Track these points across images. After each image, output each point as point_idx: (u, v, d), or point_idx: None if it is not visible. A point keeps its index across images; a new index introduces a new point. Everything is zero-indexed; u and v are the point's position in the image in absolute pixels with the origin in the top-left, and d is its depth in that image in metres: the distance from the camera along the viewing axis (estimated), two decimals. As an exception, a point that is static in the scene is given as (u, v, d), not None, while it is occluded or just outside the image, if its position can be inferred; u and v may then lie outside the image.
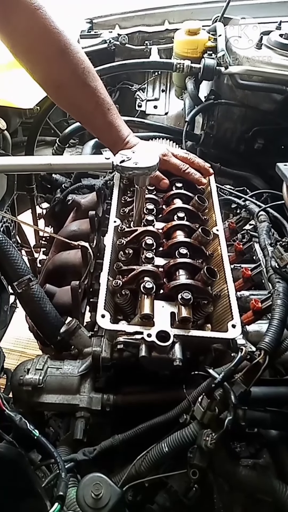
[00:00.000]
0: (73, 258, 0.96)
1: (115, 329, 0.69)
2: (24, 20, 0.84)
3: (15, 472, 0.42)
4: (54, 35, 0.86)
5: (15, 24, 0.84)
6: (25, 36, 0.86)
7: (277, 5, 1.54)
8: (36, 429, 0.61)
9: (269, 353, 0.64)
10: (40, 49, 0.87)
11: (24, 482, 0.44)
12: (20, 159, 0.86)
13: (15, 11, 0.83)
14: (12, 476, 0.42)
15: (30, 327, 1.03)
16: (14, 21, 0.84)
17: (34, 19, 0.84)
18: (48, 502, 0.48)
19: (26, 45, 0.88)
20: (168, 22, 1.53)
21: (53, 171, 1.07)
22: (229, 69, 1.18)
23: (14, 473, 0.43)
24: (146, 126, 1.32)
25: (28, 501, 0.45)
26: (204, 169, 1.01)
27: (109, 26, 1.54)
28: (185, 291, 0.72)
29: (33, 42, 0.86)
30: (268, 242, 0.91)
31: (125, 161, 0.81)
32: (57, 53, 0.87)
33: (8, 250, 0.77)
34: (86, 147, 1.21)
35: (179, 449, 0.61)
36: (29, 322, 1.02)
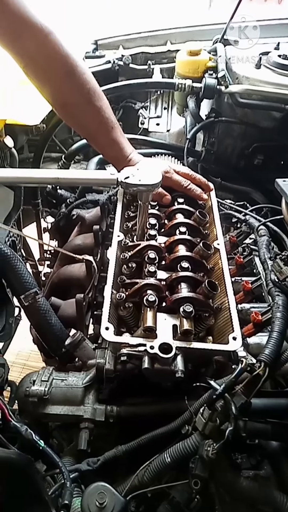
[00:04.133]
0: (78, 271, 0.98)
1: (119, 341, 0.71)
2: (36, 44, 0.89)
3: (24, 478, 0.44)
4: (63, 58, 0.91)
5: (28, 47, 0.90)
6: (37, 58, 0.91)
7: (275, 27, 1.59)
8: (41, 440, 0.63)
9: (269, 365, 0.66)
10: (50, 70, 0.92)
11: (33, 489, 0.46)
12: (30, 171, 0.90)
13: (29, 36, 0.88)
14: (21, 483, 0.44)
15: (34, 339, 1.05)
16: (27, 45, 0.89)
17: (45, 43, 0.89)
18: (54, 510, 0.49)
19: (37, 66, 0.93)
20: (170, 42, 1.58)
21: (61, 184, 1.11)
22: (229, 88, 1.22)
23: (24, 479, 0.44)
24: (149, 144, 1.37)
25: (35, 509, 0.46)
26: (205, 185, 1.04)
27: (113, 47, 1.59)
28: (187, 304, 0.74)
29: (43, 64, 0.92)
30: (268, 256, 0.93)
31: (129, 177, 0.84)
32: (65, 75, 0.92)
33: (15, 264, 0.79)
34: (91, 163, 1.25)
35: (181, 460, 0.62)
36: (33, 334, 1.04)
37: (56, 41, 0.90)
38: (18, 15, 0.86)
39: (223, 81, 1.23)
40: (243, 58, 1.33)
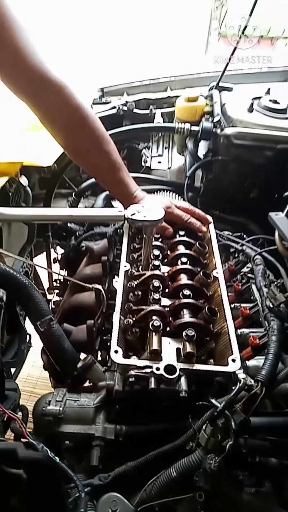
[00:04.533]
0: (88, 299, 1.05)
1: (127, 363, 0.77)
2: (52, 98, 0.98)
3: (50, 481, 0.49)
4: (76, 110, 1.00)
5: (45, 101, 0.99)
6: (52, 110, 1.01)
7: (266, 74, 1.74)
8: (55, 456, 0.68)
9: (266, 384, 0.72)
10: (64, 120, 1.02)
11: (57, 492, 0.51)
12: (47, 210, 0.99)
13: (45, 91, 0.97)
14: (47, 484, 0.49)
15: (45, 365, 1.10)
16: (44, 99, 0.99)
17: (59, 96, 0.98)
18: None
19: (52, 116, 1.03)
20: (170, 89, 1.72)
21: (74, 221, 1.20)
22: (224, 131, 1.34)
23: (49, 481, 0.49)
24: (152, 181, 1.48)
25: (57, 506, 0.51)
26: (204, 218, 1.13)
27: (118, 94, 1.73)
28: (189, 328, 0.81)
29: (58, 115, 1.01)
30: (263, 283, 1.00)
31: (135, 214, 0.93)
32: (77, 124, 1.02)
33: (32, 292, 0.87)
34: (98, 199, 1.35)
35: (186, 474, 0.67)
36: (44, 360, 1.10)
37: (70, 94, 1.00)
38: (36, 71, 0.95)
39: (218, 124, 1.34)
40: (236, 103, 1.46)
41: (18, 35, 0.93)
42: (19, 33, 0.93)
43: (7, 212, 0.88)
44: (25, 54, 0.94)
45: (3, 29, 0.91)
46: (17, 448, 0.44)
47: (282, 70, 1.78)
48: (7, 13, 0.91)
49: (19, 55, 0.94)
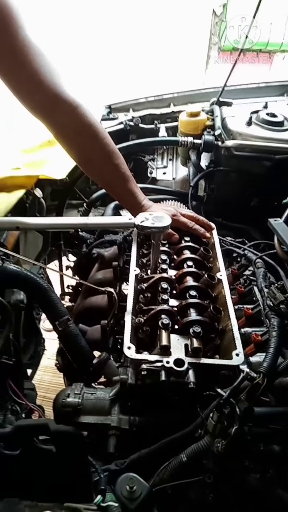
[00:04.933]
0: (100, 301, 1.12)
1: (139, 358, 0.84)
2: (66, 116, 1.03)
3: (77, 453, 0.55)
4: (88, 127, 1.06)
5: (59, 119, 1.05)
6: (66, 127, 1.07)
7: (263, 88, 1.84)
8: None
9: (267, 375, 0.78)
10: (77, 137, 1.08)
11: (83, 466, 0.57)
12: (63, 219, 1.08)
13: (60, 110, 1.03)
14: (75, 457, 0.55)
15: (60, 366, 1.17)
16: (59, 117, 1.04)
17: (73, 115, 1.04)
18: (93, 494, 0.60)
19: (66, 133, 1.09)
20: (173, 105, 1.81)
21: (88, 228, 1.28)
22: (225, 143, 1.42)
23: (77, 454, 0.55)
24: (158, 191, 1.56)
25: (81, 487, 0.57)
26: (207, 225, 1.19)
27: (124, 110, 1.82)
28: (196, 325, 0.87)
29: (72, 132, 1.07)
30: (264, 284, 1.06)
31: (144, 221, 0.99)
32: (89, 140, 1.08)
33: (51, 295, 0.94)
34: (108, 209, 1.43)
35: (195, 458, 0.73)
36: (59, 361, 1.16)
37: (83, 113, 1.05)
38: (51, 93, 1.01)
39: (219, 137, 1.42)
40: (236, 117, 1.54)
41: (36, 58, 1.00)
42: (37, 57, 1.00)
43: (28, 221, 0.96)
44: (42, 77, 1.01)
45: (23, 54, 0.98)
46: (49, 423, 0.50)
47: (279, 84, 1.87)
48: (26, 39, 0.98)
49: (36, 78, 1.01)
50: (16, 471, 0.54)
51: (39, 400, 2.16)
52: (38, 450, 0.53)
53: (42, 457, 0.54)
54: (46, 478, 0.57)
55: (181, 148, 1.57)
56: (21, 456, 0.53)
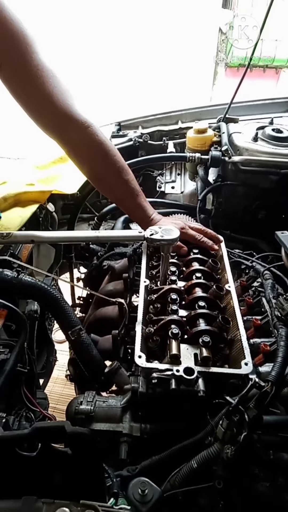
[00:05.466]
0: (111, 312, 1.15)
1: (150, 367, 0.86)
2: (78, 135, 1.08)
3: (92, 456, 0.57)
4: (99, 145, 1.11)
5: (72, 137, 1.10)
6: (78, 146, 1.12)
7: (269, 105, 1.88)
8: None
9: (275, 383, 0.80)
10: (89, 154, 1.13)
11: (97, 468, 0.59)
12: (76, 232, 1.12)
13: (72, 129, 1.08)
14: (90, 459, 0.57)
15: (72, 375, 1.19)
16: (71, 136, 1.10)
17: (85, 134, 1.09)
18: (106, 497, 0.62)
19: (78, 151, 1.14)
20: (181, 121, 1.86)
21: (100, 241, 1.32)
22: (232, 159, 1.45)
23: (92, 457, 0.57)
24: (166, 205, 1.60)
25: (95, 489, 0.59)
26: (215, 238, 1.21)
27: (133, 127, 1.87)
28: (205, 335, 0.89)
29: (83, 150, 1.12)
30: (272, 295, 1.08)
31: (153, 234, 1.03)
32: (100, 157, 1.13)
33: (64, 305, 0.98)
34: (118, 222, 1.48)
35: (205, 464, 0.75)
36: (71, 371, 1.19)
37: (94, 131, 1.10)
38: (64, 113, 1.06)
39: (226, 153, 1.46)
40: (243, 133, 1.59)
41: (49, 81, 1.05)
42: (50, 79, 1.05)
43: (42, 235, 1.01)
44: (55, 98, 1.06)
45: (37, 77, 1.04)
46: (65, 425, 0.53)
47: (284, 100, 1.92)
48: (40, 63, 1.04)
49: (49, 99, 1.07)
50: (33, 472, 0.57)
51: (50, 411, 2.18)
52: (54, 452, 0.56)
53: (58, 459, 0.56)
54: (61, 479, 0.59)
55: (189, 164, 1.62)
56: (38, 458, 0.56)
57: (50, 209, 1.42)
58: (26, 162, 1.62)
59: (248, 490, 0.76)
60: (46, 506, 0.49)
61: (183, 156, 1.58)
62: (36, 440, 0.55)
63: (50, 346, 1.30)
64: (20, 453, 0.56)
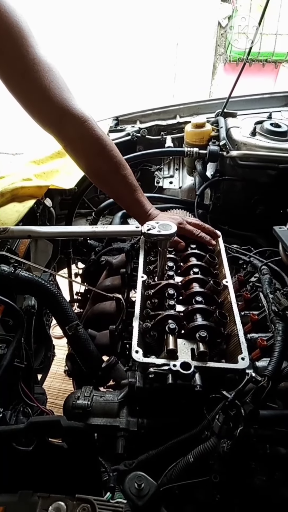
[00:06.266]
0: (109, 307, 1.15)
1: (147, 362, 0.86)
2: (75, 130, 1.08)
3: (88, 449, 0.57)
4: (96, 140, 1.11)
5: (69, 132, 1.09)
6: (75, 140, 1.11)
7: (267, 99, 1.87)
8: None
9: (271, 378, 0.80)
10: (86, 149, 1.12)
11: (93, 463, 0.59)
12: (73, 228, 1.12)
13: (69, 124, 1.07)
14: (85, 453, 0.57)
15: (69, 371, 1.19)
16: (68, 130, 1.09)
17: (82, 128, 1.09)
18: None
19: (75, 146, 1.13)
20: (179, 116, 1.85)
21: (97, 236, 1.32)
22: (230, 153, 1.45)
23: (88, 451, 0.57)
24: (164, 200, 1.60)
25: (91, 484, 0.59)
26: (213, 233, 1.21)
27: (131, 122, 1.86)
28: (202, 330, 0.89)
29: (81, 144, 1.12)
30: (269, 291, 1.08)
31: (151, 229, 1.02)
32: (98, 152, 1.12)
33: (61, 300, 0.98)
34: (116, 218, 1.47)
35: (202, 458, 0.75)
36: (69, 366, 1.19)
37: (91, 126, 1.10)
38: (61, 108, 1.06)
39: (224, 148, 1.46)
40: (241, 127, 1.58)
41: (46, 75, 1.04)
42: (47, 73, 1.04)
43: (39, 230, 1.00)
44: (51, 92, 1.05)
45: (33, 71, 1.03)
46: (61, 420, 0.53)
47: (282, 95, 1.91)
48: (36, 57, 1.03)
49: (46, 94, 1.06)
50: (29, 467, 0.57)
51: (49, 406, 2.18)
52: (50, 446, 0.56)
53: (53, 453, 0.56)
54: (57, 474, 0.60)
55: (187, 158, 1.61)
56: (34, 452, 0.56)
57: (48, 204, 1.42)
58: (23, 157, 1.61)
59: (245, 484, 0.77)
60: (42, 500, 0.49)
61: (181, 151, 1.58)
62: (32, 434, 0.55)
63: (48, 341, 1.30)
64: (16, 447, 0.56)
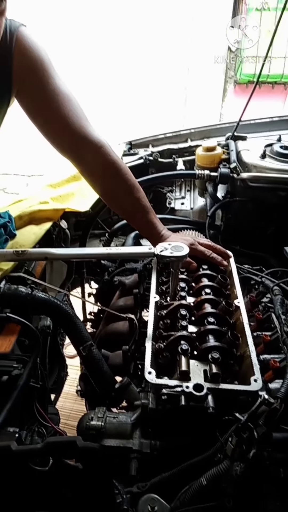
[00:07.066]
0: (122, 327, 1.17)
1: (160, 383, 0.87)
2: (92, 155, 1.14)
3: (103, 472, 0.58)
4: (111, 164, 1.17)
5: (85, 157, 1.16)
6: (92, 165, 1.18)
7: (277, 122, 1.91)
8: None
9: (284, 400, 0.80)
10: (101, 173, 1.18)
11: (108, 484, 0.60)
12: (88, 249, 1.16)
13: (85, 149, 1.14)
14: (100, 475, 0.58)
15: (82, 391, 1.20)
16: (85, 156, 1.16)
17: (98, 154, 1.15)
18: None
19: (92, 171, 1.20)
20: (190, 140, 1.90)
21: (111, 258, 1.35)
22: (240, 176, 1.48)
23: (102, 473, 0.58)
24: (176, 221, 1.63)
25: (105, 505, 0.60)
26: (224, 254, 1.22)
27: (144, 146, 1.92)
28: (214, 351, 0.90)
29: (97, 169, 1.18)
30: (281, 311, 1.09)
31: (163, 251, 1.05)
32: (112, 176, 1.18)
33: (75, 321, 1.00)
34: (129, 238, 1.51)
35: (215, 482, 0.74)
36: (82, 386, 1.20)
37: (107, 152, 1.17)
38: (78, 135, 1.13)
39: (235, 170, 1.49)
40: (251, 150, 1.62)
41: (65, 104, 1.12)
42: (66, 102, 1.12)
43: (55, 252, 1.04)
44: (70, 120, 1.12)
45: (53, 101, 1.10)
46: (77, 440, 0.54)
47: (292, 118, 1.95)
48: (56, 87, 1.11)
49: (64, 122, 1.13)
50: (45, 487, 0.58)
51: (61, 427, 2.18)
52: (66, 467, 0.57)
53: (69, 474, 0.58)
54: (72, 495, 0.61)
55: (198, 181, 1.65)
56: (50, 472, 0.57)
57: (63, 226, 1.47)
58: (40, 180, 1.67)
59: (258, 509, 0.76)
60: (57, 521, 0.50)
61: (192, 173, 1.62)
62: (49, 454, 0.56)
63: (62, 361, 1.32)
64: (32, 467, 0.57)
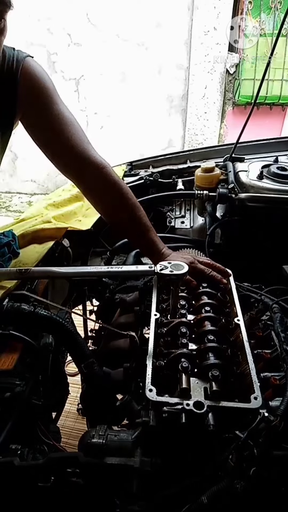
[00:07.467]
0: (123, 345, 1.18)
1: (160, 401, 0.88)
2: (94, 177, 1.19)
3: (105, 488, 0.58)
4: (113, 185, 1.21)
5: (87, 179, 1.21)
6: (93, 186, 1.23)
7: (274, 144, 1.97)
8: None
9: (284, 418, 0.81)
10: (103, 194, 1.23)
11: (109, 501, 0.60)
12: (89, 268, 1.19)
13: (87, 171, 1.19)
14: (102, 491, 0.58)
15: (83, 410, 1.21)
16: (87, 177, 1.21)
17: (99, 175, 1.20)
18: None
19: (93, 191, 1.24)
20: (189, 161, 1.96)
21: (112, 275, 1.38)
22: (238, 196, 1.52)
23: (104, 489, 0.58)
24: (176, 240, 1.66)
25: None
26: (224, 272, 1.24)
27: (145, 167, 1.97)
28: (214, 369, 0.91)
29: (98, 190, 1.23)
30: (281, 329, 1.10)
31: (163, 269, 1.07)
32: (114, 196, 1.22)
33: (77, 338, 1.02)
34: (129, 257, 1.53)
35: (216, 500, 0.75)
36: (83, 404, 1.21)
37: (108, 172, 1.22)
38: (81, 156, 1.19)
39: (233, 190, 1.53)
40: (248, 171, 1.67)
41: (68, 128, 1.18)
42: (69, 127, 1.18)
43: (58, 271, 1.06)
44: (73, 143, 1.18)
45: (57, 125, 1.16)
46: (78, 456, 0.55)
47: (288, 140, 2.01)
48: (60, 112, 1.17)
49: (68, 145, 1.18)
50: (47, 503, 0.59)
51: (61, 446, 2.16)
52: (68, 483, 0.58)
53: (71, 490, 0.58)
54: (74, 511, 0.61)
55: (197, 200, 1.69)
56: (52, 488, 0.58)
57: (66, 245, 1.49)
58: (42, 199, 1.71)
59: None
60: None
61: (191, 193, 1.66)
62: (51, 470, 0.57)
63: (63, 379, 1.32)
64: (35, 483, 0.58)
